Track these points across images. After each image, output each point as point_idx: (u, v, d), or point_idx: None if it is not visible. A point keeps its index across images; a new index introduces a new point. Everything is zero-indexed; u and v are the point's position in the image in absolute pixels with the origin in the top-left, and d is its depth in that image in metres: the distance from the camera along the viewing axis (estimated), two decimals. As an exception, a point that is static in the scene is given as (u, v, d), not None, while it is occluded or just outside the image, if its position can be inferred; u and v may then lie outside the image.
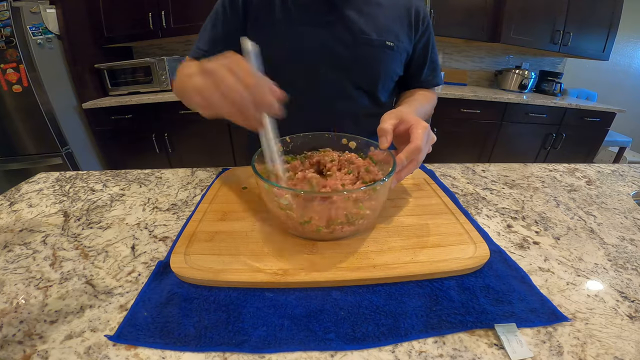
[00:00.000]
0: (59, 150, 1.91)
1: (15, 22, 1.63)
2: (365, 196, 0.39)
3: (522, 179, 0.69)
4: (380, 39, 0.64)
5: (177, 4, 1.98)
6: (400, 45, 0.67)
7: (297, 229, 0.41)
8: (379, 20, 0.64)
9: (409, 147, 0.43)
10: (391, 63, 0.68)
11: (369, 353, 0.30)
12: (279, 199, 0.38)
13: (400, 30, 0.67)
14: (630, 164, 0.80)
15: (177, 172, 0.69)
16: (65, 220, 0.52)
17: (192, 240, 0.43)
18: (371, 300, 0.35)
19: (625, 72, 2.89)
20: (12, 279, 0.38)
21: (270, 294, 0.36)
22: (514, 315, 0.33)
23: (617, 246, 0.46)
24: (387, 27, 0.65)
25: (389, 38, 0.65)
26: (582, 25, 2.27)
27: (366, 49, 0.64)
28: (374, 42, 0.64)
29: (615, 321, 0.33)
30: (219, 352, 0.29)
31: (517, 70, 2.41)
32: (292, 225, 0.41)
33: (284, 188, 0.38)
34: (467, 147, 2.35)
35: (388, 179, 0.39)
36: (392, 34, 0.65)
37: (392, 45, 0.65)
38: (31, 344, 0.30)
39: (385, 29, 0.65)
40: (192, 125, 2.04)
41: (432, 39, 0.73)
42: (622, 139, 2.55)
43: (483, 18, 2.21)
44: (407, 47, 0.69)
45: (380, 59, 0.66)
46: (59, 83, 1.90)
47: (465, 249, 0.41)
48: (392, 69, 0.69)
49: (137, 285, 0.37)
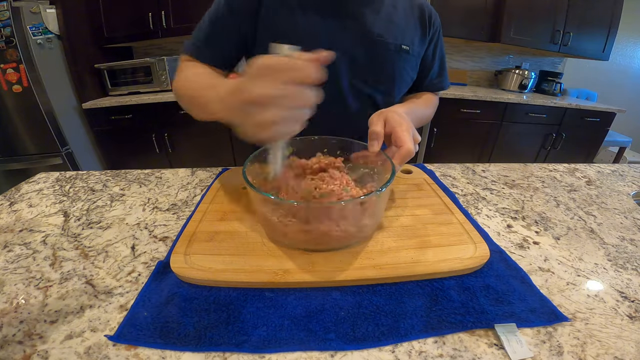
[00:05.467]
0: (59, 150, 1.91)
1: (15, 22, 1.63)
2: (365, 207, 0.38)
3: (522, 179, 0.69)
4: (396, 42, 0.63)
5: (177, 4, 1.98)
6: (415, 49, 0.66)
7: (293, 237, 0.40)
8: (395, 23, 0.63)
9: (401, 152, 0.42)
10: (407, 67, 0.67)
11: (369, 353, 0.30)
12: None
13: (415, 33, 0.66)
14: (630, 164, 0.80)
15: (177, 172, 0.69)
16: (65, 220, 0.52)
17: (192, 240, 0.43)
18: (371, 300, 0.35)
19: (625, 72, 2.89)
20: (12, 279, 0.38)
21: (270, 294, 0.36)
22: (514, 315, 0.33)
23: (617, 246, 0.46)
24: (402, 30, 0.64)
25: (404, 42, 0.64)
26: (582, 25, 2.27)
27: (383, 53, 0.63)
28: (390, 46, 0.63)
29: (615, 321, 0.33)
30: (219, 352, 0.29)
31: (517, 70, 2.41)
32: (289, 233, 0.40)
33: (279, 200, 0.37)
34: (467, 147, 2.34)
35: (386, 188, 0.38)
36: (407, 38, 0.65)
37: (407, 49, 0.65)
38: (31, 344, 0.30)
39: (401, 33, 0.64)
40: (192, 125, 2.04)
41: (441, 42, 0.73)
42: (622, 139, 2.55)
43: (483, 18, 2.21)
44: (421, 50, 0.68)
45: (396, 62, 0.65)
46: (59, 83, 1.90)
47: (465, 249, 0.41)
48: (407, 73, 0.68)
49: (137, 285, 0.37)
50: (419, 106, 0.67)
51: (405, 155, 0.43)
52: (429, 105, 0.72)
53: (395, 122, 0.45)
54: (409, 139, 0.43)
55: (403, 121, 0.45)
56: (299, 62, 0.30)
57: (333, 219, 0.37)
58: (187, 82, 0.54)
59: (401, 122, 0.45)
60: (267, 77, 0.30)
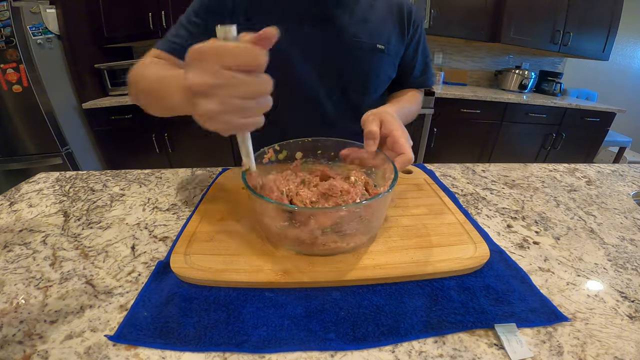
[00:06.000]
0: (59, 150, 1.91)
1: (15, 22, 1.63)
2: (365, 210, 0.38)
3: (522, 179, 0.69)
4: (371, 42, 0.63)
5: (177, 4, 1.98)
6: (391, 47, 0.66)
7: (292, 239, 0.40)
8: (370, 23, 0.63)
9: (402, 159, 0.43)
10: (382, 66, 0.66)
11: (369, 353, 0.30)
12: None
13: (392, 32, 0.66)
14: (630, 164, 0.80)
15: (177, 172, 0.69)
16: (65, 220, 0.52)
17: (192, 240, 0.43)
18: (371, 300, 0.35)
19: (625, 72, 2.89)
20: (12, 279, 0.38)
21: (270, 294, 0.36)
22: (514, 315, 0.33)
23: (617, 246, 0.46)
24: (378, 29, 0.64)
25: (379, 41, 0.64)
26: (582, 25, 2.27)
27: (357, 53, 0.63)
28: (364, 45, 0.62)
29: (615, 321, 0.33)
30: (219, 352, 0.29)
31: (517, 70, 2.41)
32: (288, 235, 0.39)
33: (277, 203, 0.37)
34: (467, 147, 2.34)
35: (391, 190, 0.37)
36: (383, 37, 0.64)
37: (382, 48, 0.64)
38: (31, 344, 0.30)
39: (376, 32, 0.63)
40: (192, 125, 2.00)
41: (423, 39, 0.72)
42: (622, 139, 2.55)
43: (483, 18, 2.21)
44: (399, 49, 0.68)
45: (371, 62, 0.64)
46: (59, 83, 1.90)
47: (465, 249, 0.41)
48: (383, 72, 0.68)
49: (137, 285, 0.37)
50: (405, 104, 0.67)
51: (405, 162, 0.43)
52: (414, 103, 0.72)
53: (392, 126, 0.45)
54: (409, 146, 0.44)
55: (399, 125, 0.45)
56: (239, 45, 0.27)
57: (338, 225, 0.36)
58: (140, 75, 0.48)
59: (397, 126, 0.45)
60: (202, 63, 0.27)
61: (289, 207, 0.37)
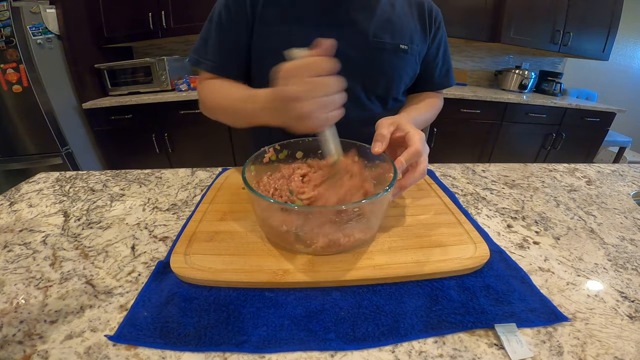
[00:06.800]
0: (59, 150, 1.91)
1: (15, 22, 1.63)
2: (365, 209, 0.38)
3: (522, 179, 0.69)
4: (394, 42, 0.61)
5: (177, 4, 1.97)
6: (414, 47, 0.64)
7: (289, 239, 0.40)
8: (392, 22, 0.61)
9: (409, 151, 0.43)
10: (405, 67, 0.65)
11: (369, 353, 0.30)
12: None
13: (414, 31, 0.64)
14: (630, 164, 0.80)
15: (177, 172, 0.69)
16: (65, 220, 0.52)
17: (192, 240, 0.43)
18: (371, 300, 0.35)
19: (625, 72, 2.89)
20: (12, 279, 0.38)
21: (270, 294, 0.36)
22: (514, 315, 0.33)
23: (617, 246, 0.46)
24: (400, 29, 0.62)
25: (402, 41, 0.62)
26: (582, 25, 2.27)
27: (379, 54, 0.61)
28: (387, 46, 0.61)
29: (615, 321, 0.33)
30: (219, 352, 0.29)
31: (517, 70, 2.41)
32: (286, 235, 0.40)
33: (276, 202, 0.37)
34: (467, 147, 2.34)
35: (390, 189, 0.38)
36: (406, 37, 0.63)
37: (405, 48, 0.62)
38: (31, 344, 0.30)
39: (399, 31, 0.62)
40: (192, 125, 2.04)
41: (445, 38, 0.71)
42: (622, 139, 2.55)
43: (483, 18, 2.21)
44: (422, 48, 0.67)
45: (394, 63, 0.63)
46: (59, 83, 1.90)
47: (465, 249, 0.41)
48: (406, 73, 0.66)
49: (137, 285, 0.37)
50: (422, 111, 0.66)
51: (413, 153, 0.43)
52: (432, 109, 0.71)
53: (410, 128, 0.45)
54: (420, 143, 0.43)
55: (417, 130, 0.45)
56: (314, 59, 0.36)
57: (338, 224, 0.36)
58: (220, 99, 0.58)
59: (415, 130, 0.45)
60: (294, 77, 0.36)
61: (289, 206, 0.37)
